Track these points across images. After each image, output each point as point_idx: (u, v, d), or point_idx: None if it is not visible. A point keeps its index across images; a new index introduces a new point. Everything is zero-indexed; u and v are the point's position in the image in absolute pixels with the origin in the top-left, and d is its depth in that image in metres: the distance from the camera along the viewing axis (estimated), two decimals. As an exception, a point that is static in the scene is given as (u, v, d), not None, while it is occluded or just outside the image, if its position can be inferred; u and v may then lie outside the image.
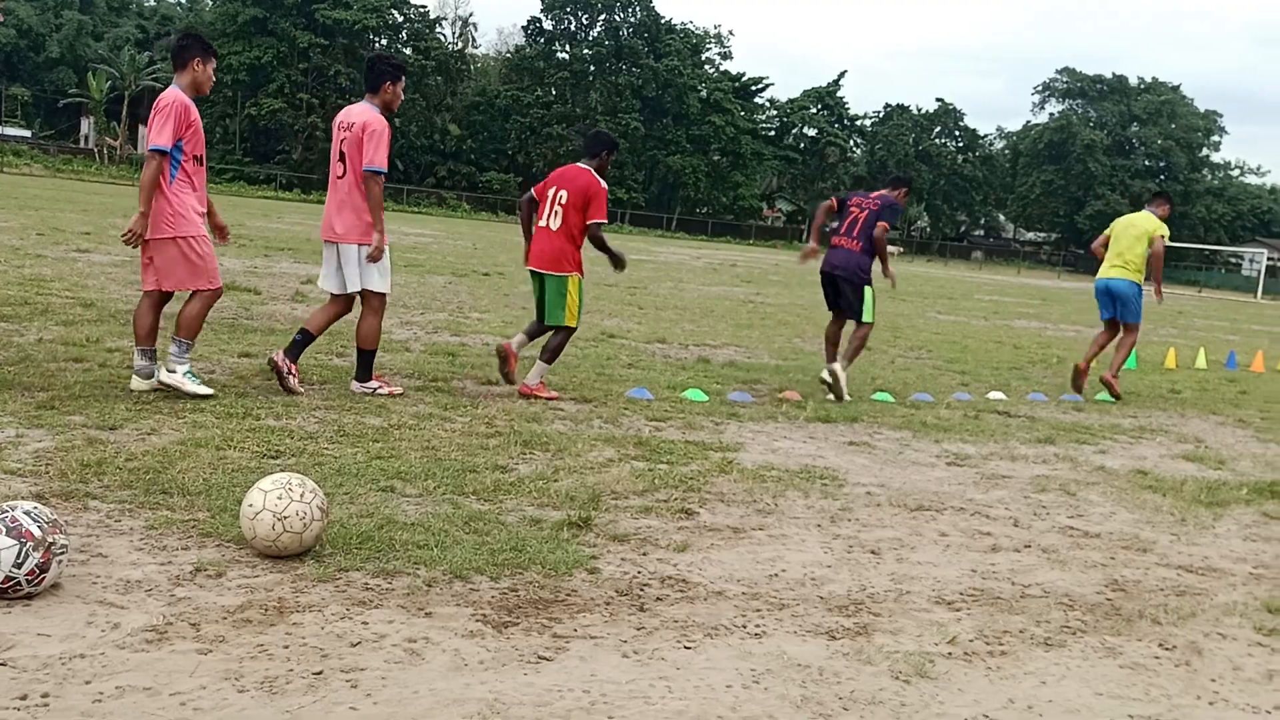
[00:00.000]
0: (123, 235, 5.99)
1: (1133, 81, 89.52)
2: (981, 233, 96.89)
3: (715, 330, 12.76)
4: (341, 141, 6.54)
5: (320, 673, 2.88)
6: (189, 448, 4.97)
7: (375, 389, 6.68)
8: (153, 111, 5.96)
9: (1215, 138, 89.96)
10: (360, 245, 6.51)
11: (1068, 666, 3.38)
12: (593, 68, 75.26)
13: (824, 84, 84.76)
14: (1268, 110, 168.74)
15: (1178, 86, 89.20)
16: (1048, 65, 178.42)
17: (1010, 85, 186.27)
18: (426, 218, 53.33)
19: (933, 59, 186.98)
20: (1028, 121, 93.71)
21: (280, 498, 3.65)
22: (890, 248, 8.72)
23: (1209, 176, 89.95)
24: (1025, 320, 20.64)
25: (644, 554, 4.13)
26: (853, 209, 8.51)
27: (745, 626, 3.48)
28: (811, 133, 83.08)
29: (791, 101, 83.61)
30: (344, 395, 6.53)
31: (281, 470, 4.64)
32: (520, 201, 7.56)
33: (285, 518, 3.63)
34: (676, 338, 11.55)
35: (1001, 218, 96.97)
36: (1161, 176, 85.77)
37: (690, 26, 78.27)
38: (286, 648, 3.02)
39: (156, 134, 5.85)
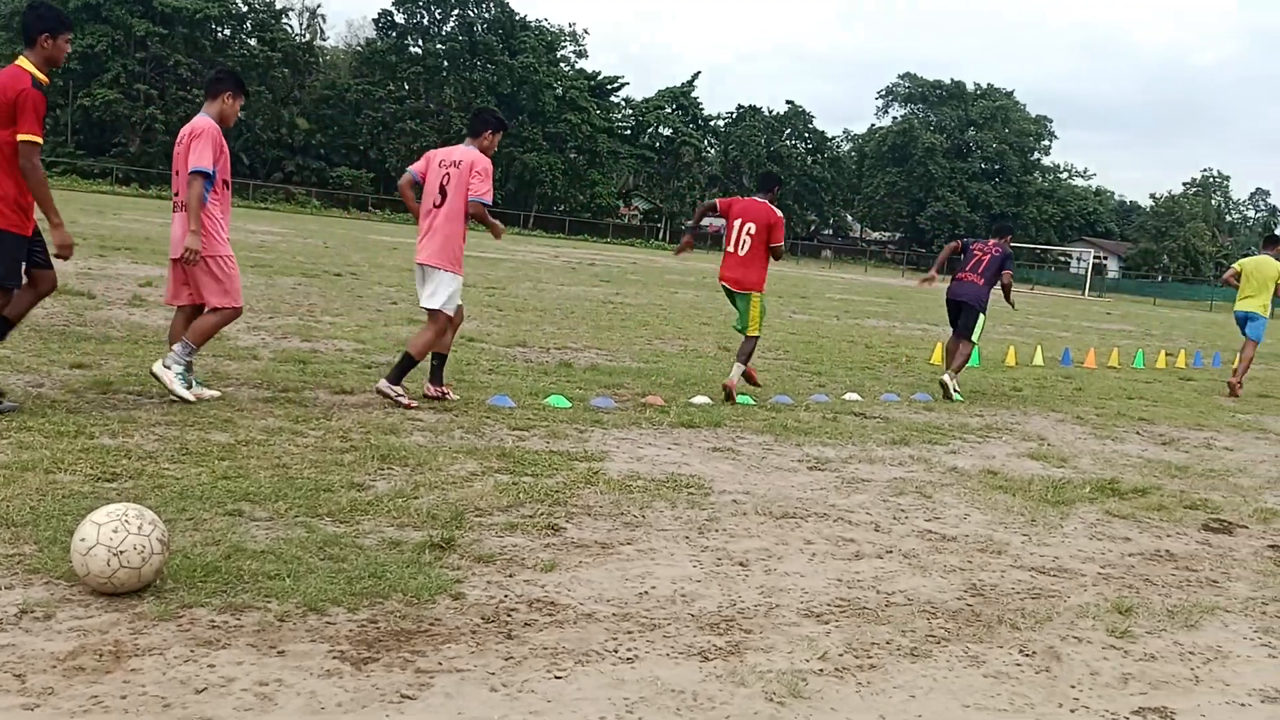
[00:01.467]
0: (183, 255, 6.31)
1: (970, 87, 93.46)
2: (830, 232, 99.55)
3: (576, 332, 12.67)
4: (443, 178, 7.09)
5: (162, 726, 2.66)
6: (14, 472, 4.59)
7: (397, 396, 6.96)
8: (190, 135, 6.37)
9: (1046, 142, 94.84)
10: (445, 270, 7.11)
11: (934, 678, 3.41)
12: (446, 63, 74.18)
13: (678, 84, 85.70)
14: (1093, 117, 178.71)
15: (1011, 93, 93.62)
16: (890, 70, 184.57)
17: (856, 89, 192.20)
18: (274, 214, 51.54)
19: (782, 62, 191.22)
20: (872, 125, 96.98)
21: (116, 531, 3.39)
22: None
23: (1040, 179, 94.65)
24: (875, 319, 21.23)
25: (510, 575, 4.00)
26: (976, 252, 10.60)
27: (617, 651, 3.39)
28: (667, 132, 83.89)
29: (647, 101, 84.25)
30: (186, 410, 6.17)
31: (118, 495, 4.34)
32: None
33: (121, 552, 3.37)
34: (537, 341, 11.41)
35: (849, 218, 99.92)
36: (996, 179, 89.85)
37: (545, 24, 78.15)
38: (124, 698, 2.79)
39: (198, 157, 6.28)
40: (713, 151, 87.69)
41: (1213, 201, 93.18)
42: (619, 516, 4.94)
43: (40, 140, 5.56)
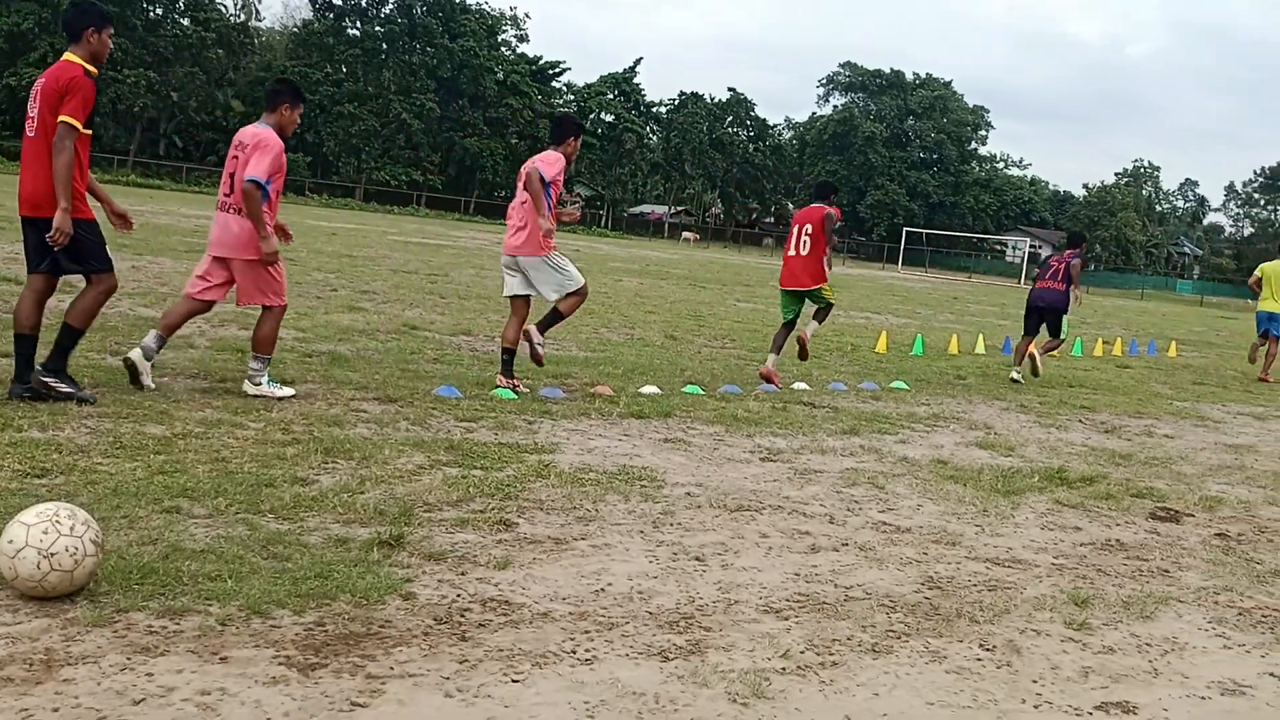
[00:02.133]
0: (264, 258, 6.51)
1: (909, 77, 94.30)
2: (772, 220, 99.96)
3: (520, 321, 12.49)
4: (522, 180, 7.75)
5: (97, 741, 2.51)
6: (-67, 469, 4.37)
7: (513, 386, 7.60)
8: (252, 145, 6.47)
9: (983, 132, 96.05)
10: (536, 256, 7.67)
11: (897, 675, 3.37)
12: (385, 46, 73.12)
13: (620, 70, 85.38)
14: (1028, 107, 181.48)
15: (949, 83, 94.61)
16: (831, 59, 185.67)
17: (797, 78, 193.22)
18: (209, 198, 50.40)
19: (723, 50, 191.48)
20: (814, 113, 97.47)
21: (46, 532, 3.21)
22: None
23: (977, 168, 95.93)
24: (818, 307, 21.27)
25: (462, 573, 3.88)
26: (1053, 263, 12.13)
27: (575, 652, 3.29)
28: (609, 119, 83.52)
29: (589, 87, 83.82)
30: (120, 401, 5.94)
31: (48, 493, 4.15)
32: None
33: (53, 555, 3.19)
34: (482, 329, 11.25)
35: (790, 206, 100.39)
36: (935, 168, 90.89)
37: (485, 7, 77.24)
38: (56, 711, 2.63)
39: (255, 167, 6.40)
40: (655, 138, 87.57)
41: (1144, 191, 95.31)
42: (572, 511, 4.84)
43: (79, 126, 5.65)
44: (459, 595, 3.67)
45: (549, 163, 7.69)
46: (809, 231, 9.45)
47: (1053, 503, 5.95)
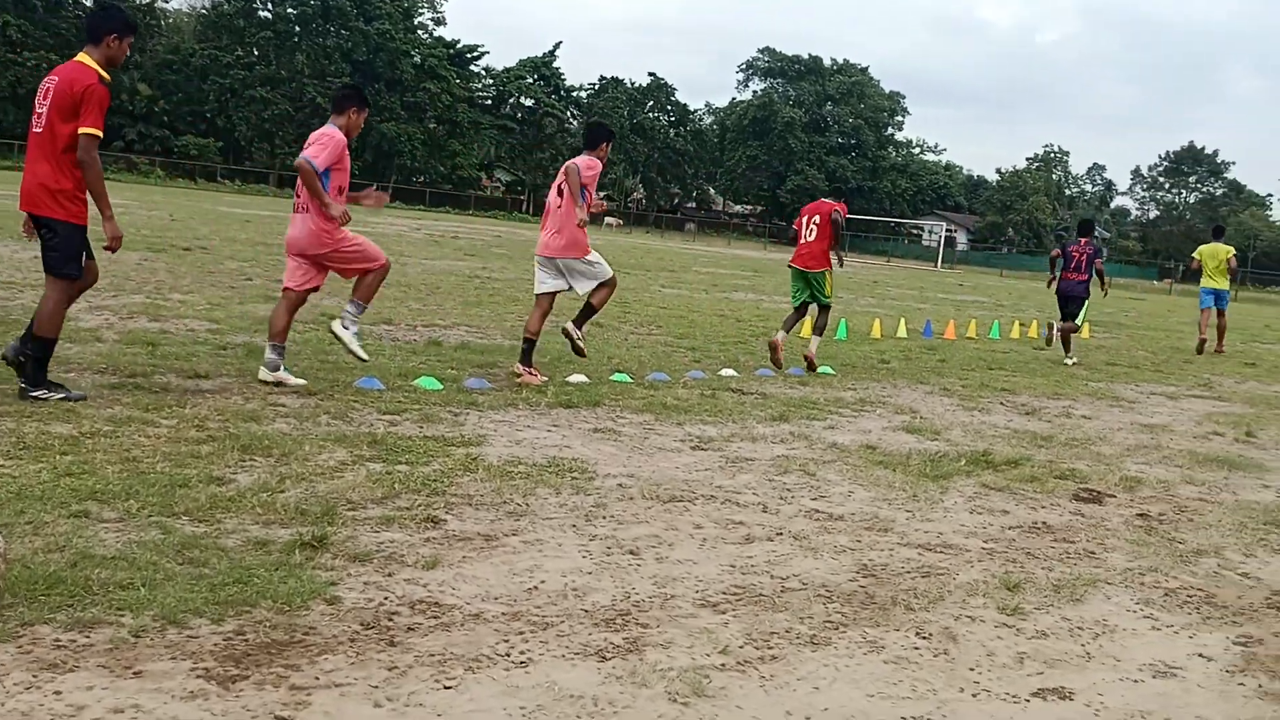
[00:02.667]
0: (339, 220, 6.78)
1: (827, 63, 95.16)
2: (694, 205, 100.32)
3: (443, 309, 12.31)
4: (560, 183, 8.08)
5: (0, 769, 2.35)
6: None
7: (532, 373, 7.90)
8: (315, 142, 6.87)
9: (899, 118, 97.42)
10: (578, 258, 8.10)
11: (836, 667, 3.33)
12: (298, 28, 71.57)
13: (540, 54, 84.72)
14: (943, 93, 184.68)
15: (866, 69, 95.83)
16: (750, 44, 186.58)
17: (716, 63, 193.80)
18: (115, 185, 48.81)
19: (641, 34, 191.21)
20: (734, 99, 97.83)
21: (-60, 543, 3.02)
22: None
23: (894, 154, 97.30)
24: (742, 292, 21.38)
25: (389, 575, 3.75)
26: (1074, 253, 13.59)
27: (509, 655, 3.19)
28: (529, 103, 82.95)
29: (508, 71, 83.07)
30: (20, 400, 5.66)
31: (-58, 500, 3.91)
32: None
33: (-52, 568, 3.00)
34: (403, 318, 11.03)
35: (712, 191, 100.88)
36: (853, 153, 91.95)
37: (402, -10, 75.92)
38: (-47, 737, 2.46)
39: (314, 152, 6.76)
40: (576, 123, 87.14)
41: (1054, 176, 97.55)
42: (501, 505, 4.73)
43: (101, 134, 5.73)
44: (386, 598, 3.54)
45: (586, 165, 8.02)
46: (816, 222, 10.41)
47: (980, 486, 6.00)
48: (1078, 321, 13.65)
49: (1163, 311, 31.95)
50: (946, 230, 76.97)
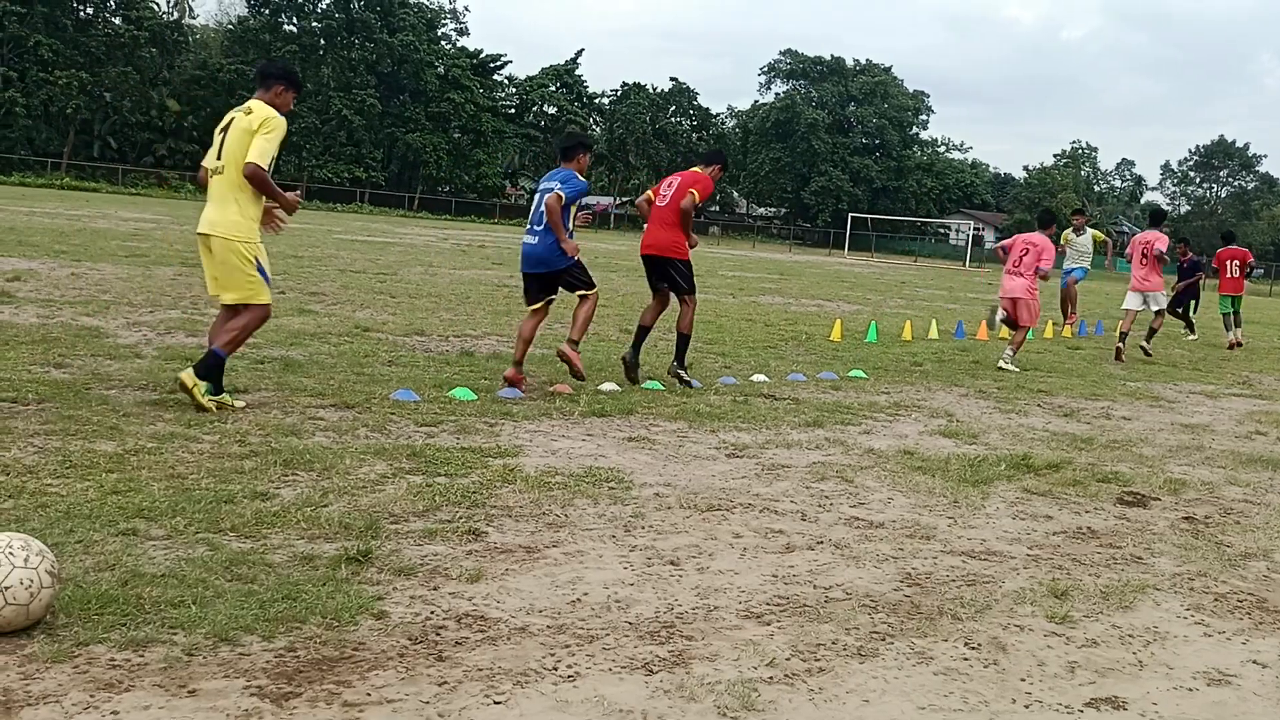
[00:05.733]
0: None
1: (849, 63, 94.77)
2: (717, 208, 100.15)
3: (474, 318, 12.35)
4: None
5: (62, 790, 2.38)
6: None
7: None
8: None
9: (923, 116, 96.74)
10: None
11: (885, 679, 3.31)
12: (323, 41, 72.07)
13: (562, 62, 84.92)
14: (968, 91, 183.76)
15: (889, 68, 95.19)
16: (771, 47, 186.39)
17: (737, 67, 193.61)
18: (146, 200, 49.46)
19: (663, 39, 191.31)
20: (756, 101, 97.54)
21: (-3, 565, 3.06)
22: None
23: (919, 153, 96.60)
24: (769, 296, 21.31)
25: (435, 588, 3.77)
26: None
27: (556, 669, 3.20)
28: (552, 111, 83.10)
29: (530, 79, 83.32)
30: (66, 418, 5.73)
31: (-6, 520, 3.96)
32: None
33: (7, 588, 3.04)
34: (435, 329, 11.07)
35: (735, 194, 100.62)
36: (877, 154, 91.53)
37: (424, 1, 76.32)
38: (15, 758, 2.49)
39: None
40: (598, 129, 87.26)
41: (1082, 172, 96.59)
42: (541, 517, 4.73)
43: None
44: (433, 612, 3.55)
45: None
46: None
47: (1021, 491, 5.95)
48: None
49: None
50: (974, 229, 76.43)
